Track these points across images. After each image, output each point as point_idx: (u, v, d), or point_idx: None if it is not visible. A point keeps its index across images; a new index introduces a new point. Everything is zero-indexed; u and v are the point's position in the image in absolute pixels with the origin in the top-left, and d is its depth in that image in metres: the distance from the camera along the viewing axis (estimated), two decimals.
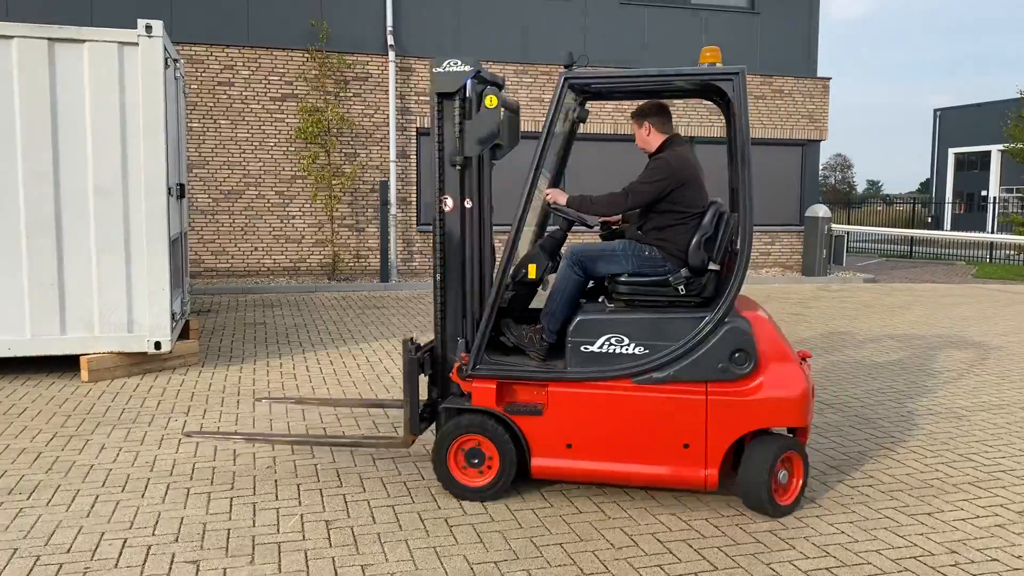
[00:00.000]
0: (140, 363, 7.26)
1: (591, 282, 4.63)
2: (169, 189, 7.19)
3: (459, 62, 4.54)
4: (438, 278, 4.69)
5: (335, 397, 6.51)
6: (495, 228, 4.86)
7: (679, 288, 4.32)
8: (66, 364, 7.34)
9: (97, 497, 4.38)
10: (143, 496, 4.40)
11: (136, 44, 6.90)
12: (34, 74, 6.69)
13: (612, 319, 4.28)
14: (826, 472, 4.90)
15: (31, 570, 3.55)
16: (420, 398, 4.61)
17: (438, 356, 4.70)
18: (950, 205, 46.77)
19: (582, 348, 4.27)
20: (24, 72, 6.67)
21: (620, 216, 5.02)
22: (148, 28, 6.90)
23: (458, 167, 4.65)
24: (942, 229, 38.56)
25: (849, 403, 6.53)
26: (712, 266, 4.36)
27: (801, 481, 4.27)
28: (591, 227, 4.88)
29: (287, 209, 13.67)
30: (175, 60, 7.98)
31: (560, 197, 4.68)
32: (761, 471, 4.11)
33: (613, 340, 4.24)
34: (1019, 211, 32.00)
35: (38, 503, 4.28)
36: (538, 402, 4.35)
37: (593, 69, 4.52)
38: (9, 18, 12.27)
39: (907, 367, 7.94)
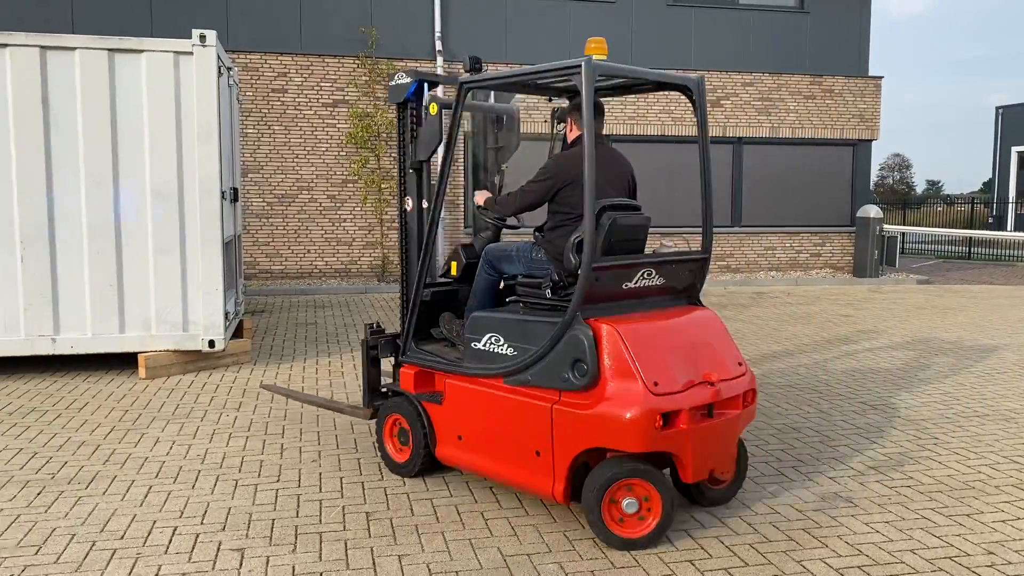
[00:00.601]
0: (195, 361, 7.51)
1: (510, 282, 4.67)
2: (223, 193, 7.43)
3: (404, 74, 4.93)
4: (401, 272, 5.14)
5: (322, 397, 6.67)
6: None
7: (546, 291, 4.17)
8: (125, 361, 7.64)
9: (150, 487, 4.58)
10: (193, 487, 4.59)
11: (191, 53, 7.16)
12: (95, 84, 6.99)
13: (494, 318, 4.29)
14: (864, 473, 4.88)
15: (87, 555, 3.75)
16: (381, 378, 5.15)
17: (396, 343, 5.06)
18: (1013, 205, 45.47)
19: (472, 344, 4.34)
20: (86, 82, 6.97)
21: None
22: (202, 38, 7.15)
23: (413, 170, 5.01)
24: (1005, 229, 37.49)
25: (893, 405, 6.47)
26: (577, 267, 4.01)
27: (658, 517, 3.80)
28: (514, 227, 5.03)
29: (338, 212, 13.95)
30: (228, 68, 8.24)
31: (480, 198, 4.86)
32: (591, 495, 3.78)
33: (493, 339, 4.26)
34: None
35: (95, 492, 4.50)
36: (440, 391, 4.56)
37: (490, 71, 4.84)
38: (75, 31, 12.76)
39: (956, 369, 7.82)
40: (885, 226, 15.95)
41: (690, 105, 15.24)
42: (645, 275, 4.23)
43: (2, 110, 6.87)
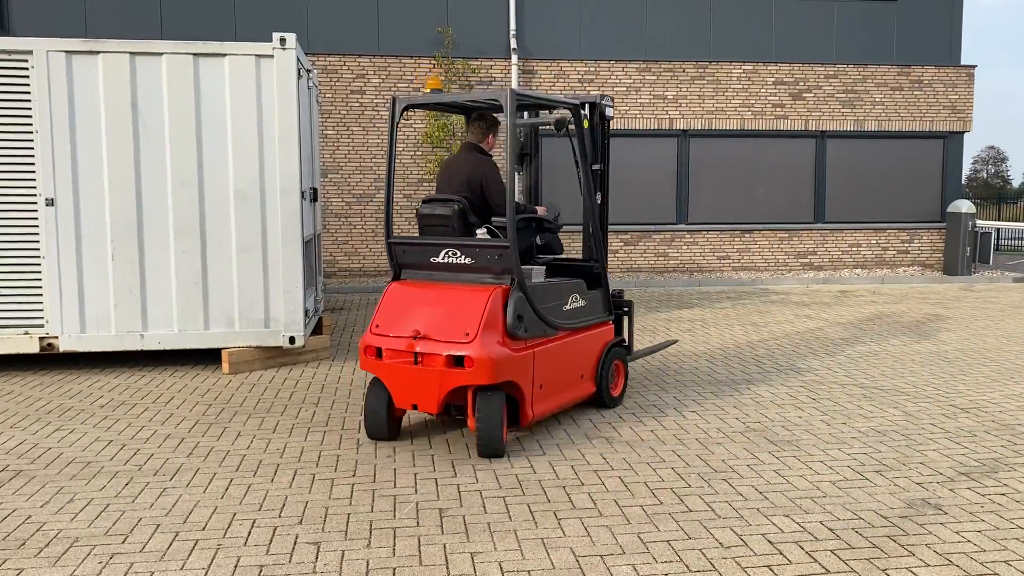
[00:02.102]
0: (276, 357, 7.69)
1: None
2: (303, 193, 7.59)
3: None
4: (596, 247, 6.29)
5: None
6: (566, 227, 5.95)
7: None
8: (209, 357, 7.87)
9: (231, 480, 4.69)
10: (272, 480, 4.69)
11: (271, 56, 7.32)
12: (181, 87, 7.21)
13: None
14: (955, 479, 4.67)
15: (170, 544, 3.86)
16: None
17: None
18: None
19: None
20: (172, 85, 7.20)
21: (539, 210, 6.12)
22: (282, 41, 7.31)
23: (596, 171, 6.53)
24: None
25: (986, 407, 6.18)
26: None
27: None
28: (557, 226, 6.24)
29: (415, 212, 14.09)
30: (308, 70, 8.40)
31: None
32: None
33: None
34: None
35: (179, 484, 4.64)
36: None
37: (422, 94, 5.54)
38: (162, 36, 13.22)
39: None
40: (978, 222, 15.27)
41: (770, 98, 14.92)
42: (451, 254, 5.40)
43: (95, 114, 7.14)
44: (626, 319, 6.60)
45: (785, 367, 7.62)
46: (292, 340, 7.51)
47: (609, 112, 6.40)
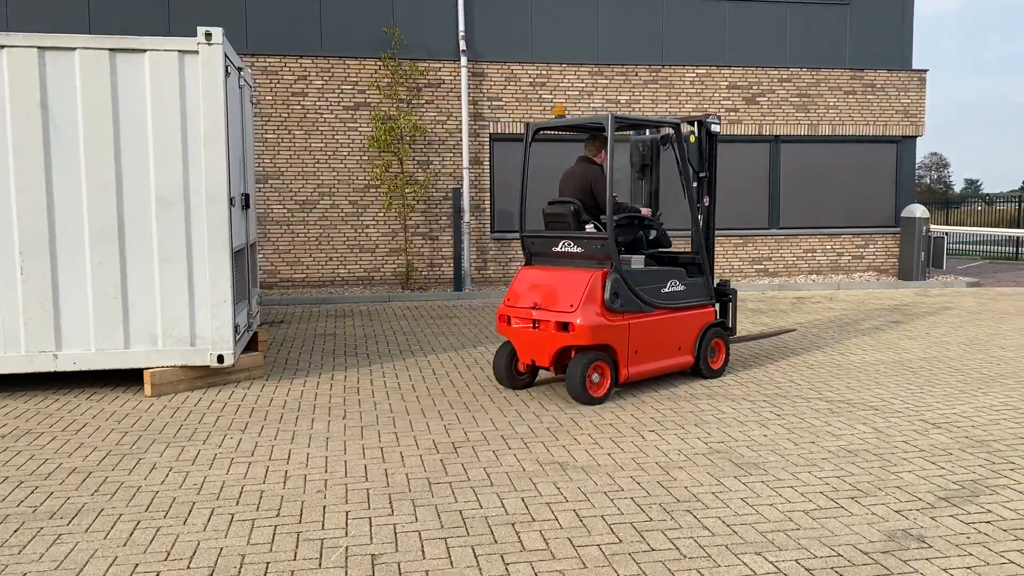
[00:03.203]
0: (204, 377, 7.12)
1: None
2: (231, 199, 7.04)
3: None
4: (703, 244, 7.45)
5: None
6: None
7: None
8: (132, 378, 7.27)
9: (138, 523, 4.15)
10: (185, 522, 4.15)
11: (196, 52, 6.77)
12: (97, 85, 6.62)
13: None
14: (935, 505, 4.32)
15: None
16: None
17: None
18: None
19: None
20: (87, 83, 6.60)
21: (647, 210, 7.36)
22: (208, 36, 6.76)
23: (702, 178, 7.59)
24: None
25: (958, 422, 5.88)
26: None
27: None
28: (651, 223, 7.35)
29: (361, 218, 13.55)
30: (239, 68, 7.86)
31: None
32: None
33: None
34: None
35: (77, 529, 4.08)
36: None
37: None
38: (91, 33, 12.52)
39: (1023, 380, 7.19)
40: (931, 226, 15.21)
41: (723, 102, 14.67)
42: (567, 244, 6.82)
43: None
44: (730, 305, 7.82)
45: (745, 380, 7.27)
46: (221, 359, 6.94)
47: (715, 128, 7.43)
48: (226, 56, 6.98)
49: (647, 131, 8.01)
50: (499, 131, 13.97)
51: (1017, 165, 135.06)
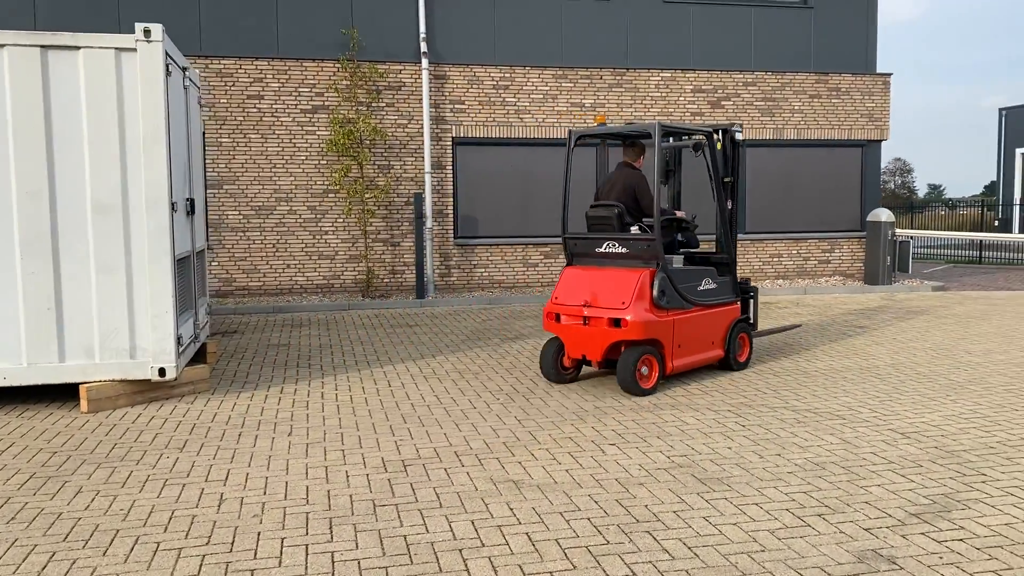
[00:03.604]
0: (144, 391, 6.76)
1: None
2: (174, 205, 6.71)
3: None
4: (728, 244, 7.92)
5: None
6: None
7: None
8: (69, 393, 6.90)
9: (52, 555, 3.81)
10: (105, 553, 3.83)
11: (134, 50, 6.44)
12: (27, 84, 6.26)
13: None
14: (906, 522, 4.11)
15: None
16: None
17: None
18: (1019, 207, 44.71)
19: None
20: (16, 82, 6.24)
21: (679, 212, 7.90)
22: (147, 33, 6.43)
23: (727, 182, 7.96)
24: (1011, 232, 36.73)
25: (927, 431, 5.70)
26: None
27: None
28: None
29: (319, 224, 13.21)
30: (184, 68, 7.53)
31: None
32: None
33: None
34: None
35: None
36: None
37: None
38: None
39: (991, 387, 7.06)
40: (897, 231, 15.19)
41: (688, 106, 14.53)
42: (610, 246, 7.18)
43: None
44: (751, 302, 8.21)
45: (711, 388, 7.06)
46: (162, 372, 6.60)
47: (738, 136, 7.81)
48: (167, 54, 6.65)
49: (671, 139, 8.36)
50: (462, 134, 13.71)
51: (979, 170, 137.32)
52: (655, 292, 6.81)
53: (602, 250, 7.20)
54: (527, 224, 14.14)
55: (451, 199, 13.75)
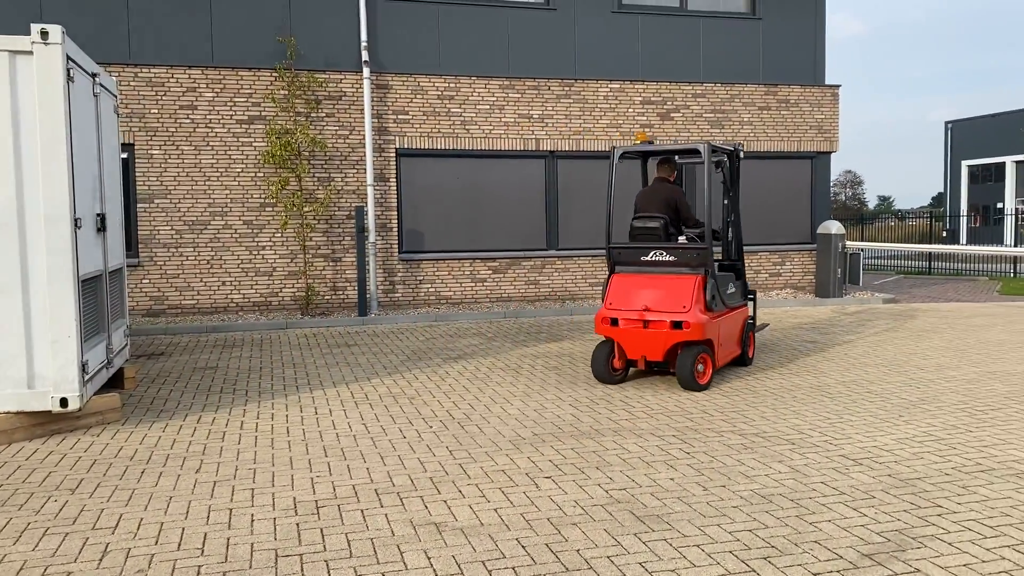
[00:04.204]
0: (45, 424, 6.21)
1: None
2: (78, 220, 6.19)
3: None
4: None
5: None
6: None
7: None
8: None
9: None
10: None
11: (30, 53, 5.93)
12: None
13: None
14: (858, 565, 3.77)
15: None
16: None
17: None
18: (965, 218, 45.50)
19: None
20: None
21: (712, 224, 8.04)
22: (44, 34, 5.93)
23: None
24: (958, 242, 37.31)
25: (880, 457, 5.41)
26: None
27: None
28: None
29: (256, 240, 12.68)
30: (93, 74, 7.01)
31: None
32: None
33: None
34: None
35: None
36: None
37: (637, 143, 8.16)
38: None
39: (944, 406, 6.81)
40: (848, 242, 15.09)
41: (638, 117, 14.30)
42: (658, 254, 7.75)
43: None
44: (752, 304, 9.04)
45: (656, 411, 6.71)
46: (64, 402, 6.06)
47: (741, 155, 8.61)
48: (70, 58, 6.15)
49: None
50: (406, 146, 13.29)
51: (926, 182, 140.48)
52: (708, 296, 7.47)
53: (648, 258, 7.76)
54: (475, 238, 13.76)
55: (395, 212, 13.31)
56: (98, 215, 7.01)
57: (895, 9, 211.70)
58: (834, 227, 14.75)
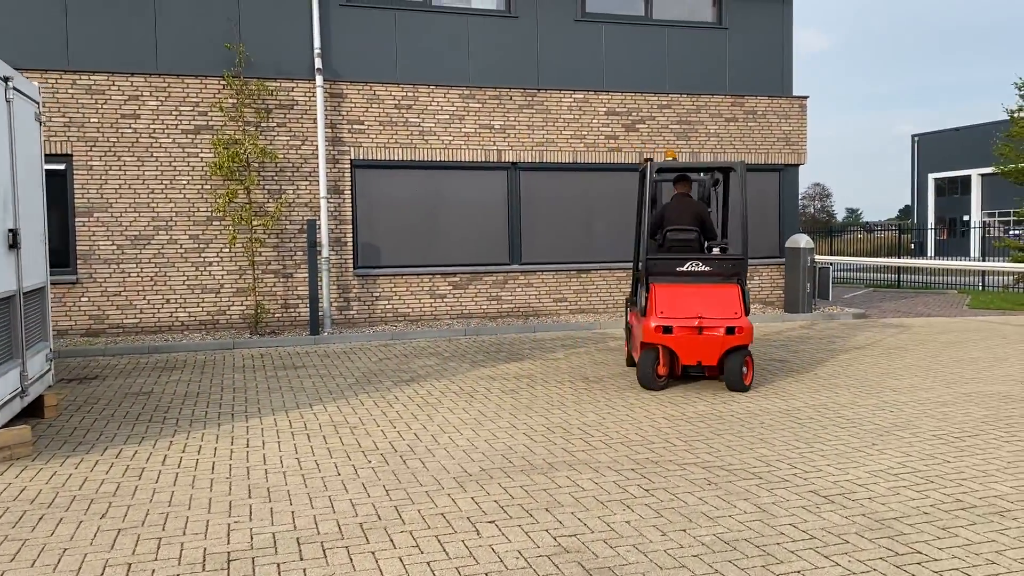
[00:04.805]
0: None
1: None
2: None
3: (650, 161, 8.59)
4: (634, 269, 9.14)
5: None
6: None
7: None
8: None
9: None
10: None
11: None
12: None
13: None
14: None
15: None
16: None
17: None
18: (933, 231, 45.81)
19: (635, 298, 9.06)
20: None
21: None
22: None
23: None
24: (925, 255, 37.45)
25: (853, 492, 4.98)
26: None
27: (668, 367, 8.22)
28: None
29: (203, 255, 12.10)
30: (5, 78, 6.46)
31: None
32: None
33: (640, 293, 8.54)
34: (1003, 235, 30.93)
35: None
36: (631, 323, 9.08)
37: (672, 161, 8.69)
38: None
39: (919, 433, 6.43)
40: (816, 256, 14.79)
41: (602, 129, 13.92)
42: (695, 264, 8.26)
43: None
44: None
45: (615, 439, 6.26)
46: None
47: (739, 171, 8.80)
48: None
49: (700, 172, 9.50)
50: (361, 157, 12.80)
51: (894, 194, 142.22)
52: (747, 303, 8.09)
53: (683, 269, 8.22)
54: (434, 253, 13.28)
55: (350, 226, 12.79)
56: (9, 231, 6.44)
57: (861, 25, 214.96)
58: (803, 241, 14.45)
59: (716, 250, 8.46)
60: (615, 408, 7.40)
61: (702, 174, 9.36)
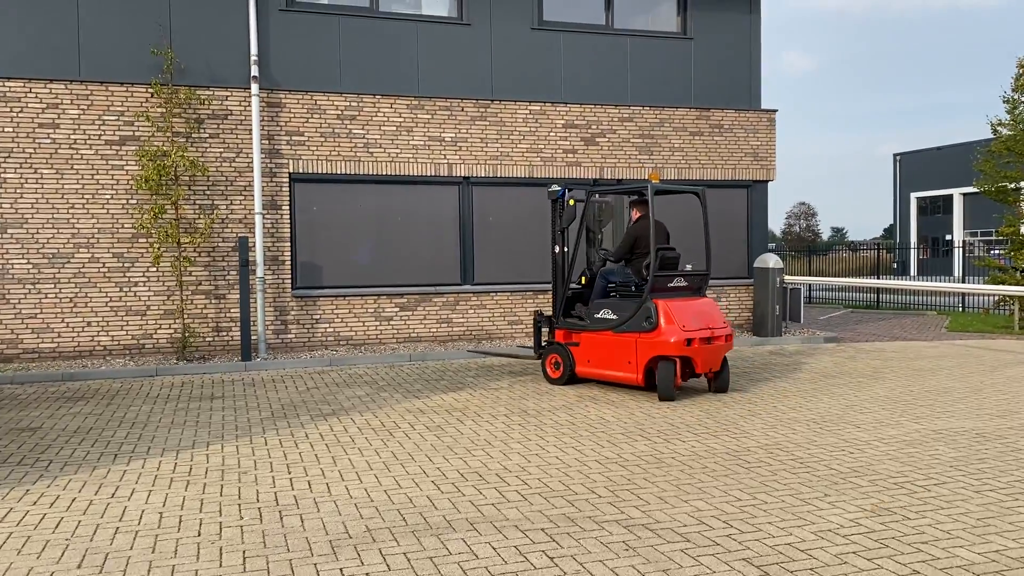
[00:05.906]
0: None
1: (611, 286, 9.48)
2: None
3: (556, 186, 9.73)
4: (554, 286, 9.80)
5: None
6: None
7: (631, 287, 9.17)
8: None
9: None
10: None
11: None
12: None
13: (606, 302, 9.14)
14: None
15: None
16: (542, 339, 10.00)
17: (551, 320, 9.75)
18: (915, 250, 45.40)
19: (595, 315, 9.13)
20: None
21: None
22: None
23: (560, 232, 9.70)
24: (908, 274, 36.91)
25: (791, 561, 4.22)
26: (648, 277, 8.80)
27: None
28: (613, 261, 9.52)
29: (128, 275, 11.29)
30: None
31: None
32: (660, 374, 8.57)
33: (605, 311, 9.06)
34: (985, 254, 30.40)
35: None
36: (577, 340, 9.34)
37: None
38: None
39: (879, 479, 5.68)
40: (787, 277, 14.09)
41: (560, 142, 13.22)
42: (679, 280, 9.05)
43: None
44: None
45: (535, 488, 5.48)
46: None
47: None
48: None
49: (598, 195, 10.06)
50: (300, 170, 12.04)
51: (878, 214, 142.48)
52: None
53: (672, 284, 8.92)
54: (380, 272, 12.52)
55: (288, 244, 12.02)
56: None
57: (843, 47, 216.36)
58: (772, 260, 13.75)
59: (689, 266, 9.37)
60: (546, 448, 6.62)
61: (596, 195, 9.96)
